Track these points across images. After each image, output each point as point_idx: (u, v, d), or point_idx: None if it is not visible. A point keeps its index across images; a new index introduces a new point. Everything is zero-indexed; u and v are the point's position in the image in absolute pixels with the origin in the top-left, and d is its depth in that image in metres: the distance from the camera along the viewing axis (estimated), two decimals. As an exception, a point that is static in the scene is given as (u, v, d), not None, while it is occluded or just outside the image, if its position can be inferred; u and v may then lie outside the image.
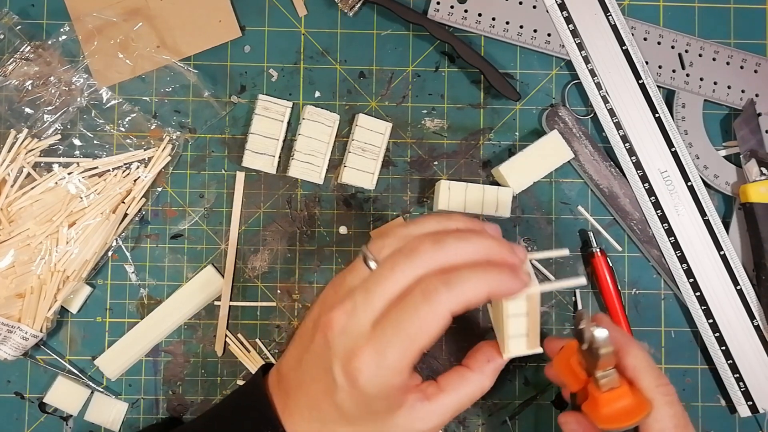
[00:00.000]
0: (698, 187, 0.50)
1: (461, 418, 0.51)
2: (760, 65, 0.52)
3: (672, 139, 0.50)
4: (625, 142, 0.50)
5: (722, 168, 0.52)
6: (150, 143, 0.51)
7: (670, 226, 0.50)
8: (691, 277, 0.50)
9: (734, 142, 0.52)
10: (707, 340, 0.50)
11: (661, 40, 0.52)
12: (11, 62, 0.50)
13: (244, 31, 0.52)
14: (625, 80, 0.50)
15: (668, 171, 0.50)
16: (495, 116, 0.52)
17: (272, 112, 0.50)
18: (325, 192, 0.52)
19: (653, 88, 0.50)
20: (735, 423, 0.52)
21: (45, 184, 0.49)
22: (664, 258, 0.50)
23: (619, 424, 0.36)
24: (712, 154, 0.52)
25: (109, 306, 0.51)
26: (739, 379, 0.50)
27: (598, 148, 0.50)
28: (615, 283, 0.50)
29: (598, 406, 0.36)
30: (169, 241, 0.51)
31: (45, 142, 0.50)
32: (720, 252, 0.50)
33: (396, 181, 0.52)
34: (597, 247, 0.51)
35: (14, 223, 0.49)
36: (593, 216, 0.52)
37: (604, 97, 0.50)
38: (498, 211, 0.49)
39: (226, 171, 0.52)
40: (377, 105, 0.52)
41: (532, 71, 0.53)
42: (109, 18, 0.50)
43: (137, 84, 0.51)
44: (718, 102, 0.52)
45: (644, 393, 0.37)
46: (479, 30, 0.51)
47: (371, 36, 0.52)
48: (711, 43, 0.52)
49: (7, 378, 0.50)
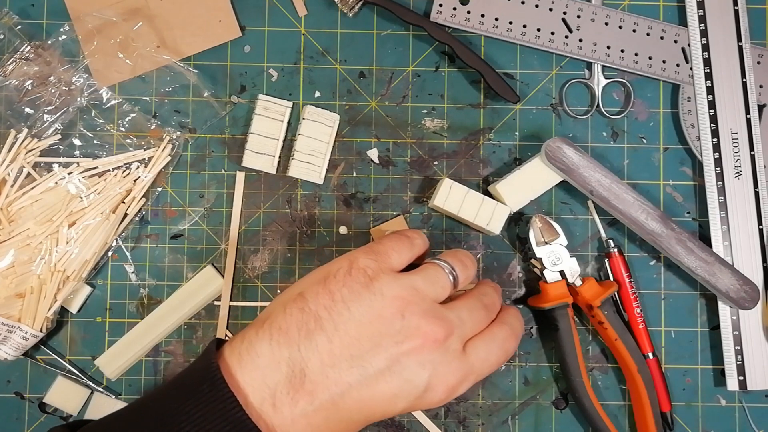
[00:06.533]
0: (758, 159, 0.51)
1: (461, 418, 0.51)
2: (762, 56, 0.52)
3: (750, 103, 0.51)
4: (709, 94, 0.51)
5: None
6: (150, 143, 0.51)
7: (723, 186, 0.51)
8: (726, 240, 0.51)
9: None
10: (721, 306, 0.51)
11: (664, 35, 0.52)
12: (11, 62, 0.50)
13: (244, 31, 0.52)
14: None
15: (738, 134, 0.51)
16: (495, 116, 0.52)
17: (272, 112, 0.50)
18: (325, 192, 0.52)
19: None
20: (735, 423, 0.52)
21: (45, 184, 0.49)
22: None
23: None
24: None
25: (109, 306, 0.51)
26: (738, 352, 0.50)
27: (612, 176, 0.49)
28: (632, 284, 0.50)
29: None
30: (169, 241, 0.51)
31: (45, 142, 0.50)
32: (760, 226, 0.51)
33: (396, 181, 0.52)
34: (614, 247, 0.51)
35: (14, 223, 0.49)
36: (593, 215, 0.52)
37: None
38: (489, 226, 0.49)
39: (226, 171, 0.52)
40: (377, 105, 0.52)
41: (532, 71, 0.53)
42: (109, 18, 0.50)
43: (137, 84, 0.51)
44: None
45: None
46: (482, 31, 0.51)
47: (371, 36, 0.52)
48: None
49: (7, 378, 0.50)
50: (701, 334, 0.52)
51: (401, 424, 0.51)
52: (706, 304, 0.52)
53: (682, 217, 0.53)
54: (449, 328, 0.36)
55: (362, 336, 0.35)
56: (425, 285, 0.37)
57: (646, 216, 0.49)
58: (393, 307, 0.36)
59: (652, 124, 0.53)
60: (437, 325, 0.36)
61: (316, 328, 0.35)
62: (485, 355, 0.38)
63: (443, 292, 0.38)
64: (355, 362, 0.35)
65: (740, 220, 0.51)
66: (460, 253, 0.41)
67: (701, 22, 0.51)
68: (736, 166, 0.51)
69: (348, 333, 0.35)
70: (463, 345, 0.38)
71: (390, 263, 0.38)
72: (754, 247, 0.51)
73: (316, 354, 0.35)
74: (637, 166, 0.53)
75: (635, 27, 0.52)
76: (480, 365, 0.38)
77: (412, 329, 0.36)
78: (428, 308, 0.37)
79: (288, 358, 0.34)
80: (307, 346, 0.35)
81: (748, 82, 0.51)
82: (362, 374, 0.35)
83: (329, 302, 0.36)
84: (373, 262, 0.37)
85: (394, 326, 0.35)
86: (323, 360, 0.35)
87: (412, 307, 0.36)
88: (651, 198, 0.52)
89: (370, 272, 0.37)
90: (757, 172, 0.51)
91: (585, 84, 0.53)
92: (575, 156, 0.48)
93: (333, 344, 0.35)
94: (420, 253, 0.41)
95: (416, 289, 0.37)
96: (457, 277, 0.40)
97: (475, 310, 0.39)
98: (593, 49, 0.51)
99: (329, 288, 0.36)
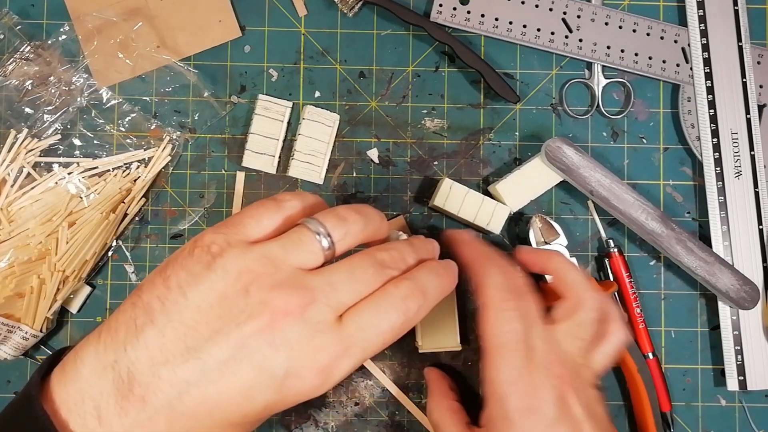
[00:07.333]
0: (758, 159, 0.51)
1: (461, 418, 0.51)
2: (762, 56, 0.52)
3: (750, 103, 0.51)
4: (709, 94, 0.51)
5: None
6: (150, 143, 0.51)
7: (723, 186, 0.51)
8: (726, 240, 0.51)
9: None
10: (721, 305, 0.51)
11: (664, 35, 0.52)
12: (11, 62, 0.50)
13: (244, 31, 0.52)
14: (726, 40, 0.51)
15: (738, 134, 0.51)
16: (495, 116, 0.52)
17: (272, 112, 0.50)
18: (325, 192, 0.52)
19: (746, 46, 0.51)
20: (735, 423, 0.52)
21: (45, 184, 0.49)
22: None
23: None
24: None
25: (109, 306, 0.51)
26: (738, 352, 0.50)
27: (612, 176, 0.49)
28: (632, 284, 0.50)
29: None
30: (169, 241, 0.51)
31: (45, 142, 0.50)
32: (760, 226, 0.51)
33: (396, 181, 0.52)
34: (614, 247, 0.51)
35: (14, 223, 0.49)
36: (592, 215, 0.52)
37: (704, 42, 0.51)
38: (489, 226, 0.49)
39: (226, 171, 0.52)
40: (377, 105, 0.52)
41: (532, 71, 0.53)
42: (109, 18, 0.50)
43: (137, 84, 0.51)
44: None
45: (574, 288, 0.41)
46: (482, 31, 0.51)
47: (371, 36, 0.52)
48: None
49: (7, 378, 0.50)
50: (701, 334, 0.52)
51: (401, 424, 0.51)
52: (706, 304, 0.52)
53: (682, 217, 0.53)
54: (308, 296, 0.30)
55: (200, 324, 0.29)
56: (283, 252, 0.31)
57: (646, 216, 0.49)
58: (238, 284, 0.30)
59: (652, 124, 0.53)
60: (291, 295, 0.30)
61: (146, 323, 0.30)
62: (370, 321, 0.31)
63: (312, 257, 0.32)
64: (191, 355, 0.29)
65: (740, 220, 0.51)
66: (341, 208, 0.34)
67: (701, 22, 0.51)
68: (736, 166, 0.51)
69: (183, 323, 0.29)
70: (341, 315, 0.31)
71: (244, 234, 0.32)
72: (754, 247, 0.51)
73: (145, 352, 0.29)
74: (637, 166, 0.53)
75: (635, 27, 0.52)
76: (363, 336, 0.31)
77: (257, 305, 0.30)
78: (283, 278, 0.30)
79: (113, 362, 0.29)
80: (134, 344, 0.29)
81: (748, 82, 0.51)
82: (202, 368, 0.29)
83: (163, 291, 0.30)
84: (221, 236, 0.31)
85: (237, 306, 0.30)
86: (153, 358, 0.29)
87: (262, 280, 0.30)
88: (651, 198, 0.52)
89: (216, 248, 0.31)
90: (757, 172, 0.51)
91: (585, 84, 0.53)
92: (575, 156, 0.48)
93: (165, 338, 0.29)
94: (293, 214, 0.34)
95: (269, 258, 0.31)
96: (333, 238, 0.33)
97: (358, 270, 0.32)
98: (593, 49, 0.51)
99: (165, 275, 0.31)
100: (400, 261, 0.34)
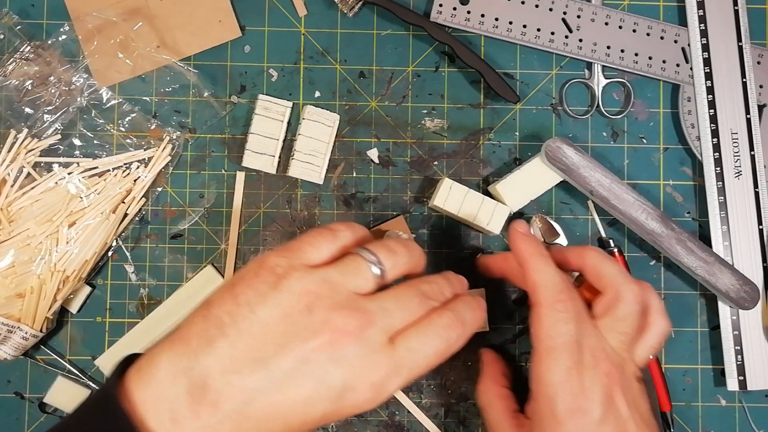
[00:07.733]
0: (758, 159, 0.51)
1: (461, 417, 0.51)
2: (762, 56, 0.52)
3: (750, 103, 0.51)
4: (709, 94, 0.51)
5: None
6: (150, 143, 0.51)
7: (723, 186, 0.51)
8: (726, 240, 0.51)
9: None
10: (721, 305, 0.51)
11: (664, 35, 0.52)
12: (11, 62, 0.50)
13: (244, 31, 0.52)
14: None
15: (738, 134, 0.51)
16: (495, 116, 0.52)
17: (272, 112, 0.50)
18: (325, 192, 0.52)
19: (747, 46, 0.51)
20: (735, 423, 0.52)
21: (45, 184, 0.49)
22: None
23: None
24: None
25: (109, 306, 0.51)
26: (738, 352, 0.50)
27: (612, 176, 0.49)
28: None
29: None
30: (169, 241, 0.51)
31: (45, 142, 0.50)
32: (760, 226, 0.51)
33: (396, 181, 0.52)
34: (614, 247, 0.51)
35: (14, 223, 0.49)
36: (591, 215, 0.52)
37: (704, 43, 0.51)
38: (489, 226, 0.49)
39: (226, 171, 0.52)
40: (377, 105, 0.52)
41: (532, 71, 0.53)
42: (109, 18, 0.50)
43: (137, 84, 0.51)
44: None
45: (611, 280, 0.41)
46: (482, 31, 0.51)
47: (371, 36, 0.52)
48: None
49: (7, 378, 0.50)
50: (701, 334, 0.52)
51: (401, 425, 0.51)
52: (706, 304, 0.52)
53: (682, 217, 0.53)
54: (366, 319, 0.33)
55: (267, 338, 0.32)
56: (341, 277, 0.34)
57: (646, 216, 0.49)
58: (301, 303, 0.33)
59: (652, 124, 0.53)
60: (350, 316, 0.33)
61: (217, 335, 0.33)
62: (418, 345, 0.34)
63: (365, 283, 0.35)
64: (259, 366, 0.32)
65: (740, 220, 0.51)
66: (390, 241, 0.38)
67: (701, 22, 0.51)
68: (736, 166, 0.51)
69: (252, 336, 0.32)
70: (391, 337, 0.34)
71: (304, 259, 0.35)
72: (754, 247, 0.51)
73: (217, 361, 0.32)
74: (637, 166, 0.53)
75: (635, 27, 0.52)
76: (412, 358, 0.34)
77: (320, 323, 0.33)
78: (341, 300, 0.34)
79: (187, 369, 0.32)
80: (207, 353, 0.32)
81: (748, 82, 0.51)
82: (268, 378, 0.32)
83: (233, 306, 0.33)
84: (284, 259, 0.35)
85: (301, 323, 0.33)
86: (225, 367, 0.32)
87: (323, 301, 0.33)
88: (651, 198, 0.52)
89: (280, 270, 0.34)
90: (757, 172, 0.51)
91: (585, 84, 0.53)
92: (575, 156, 0.48)
93: (235, 350, 0.32)
94: (347, 244, 0.37)
95: (329, 282, 0.34)
96: (384, 267, 0.36)
97: (405, 299, 0.36)
98: (593, 49, 0.51)
99: (234, 292, 0.34)
100: (439, 293, 0.37)
